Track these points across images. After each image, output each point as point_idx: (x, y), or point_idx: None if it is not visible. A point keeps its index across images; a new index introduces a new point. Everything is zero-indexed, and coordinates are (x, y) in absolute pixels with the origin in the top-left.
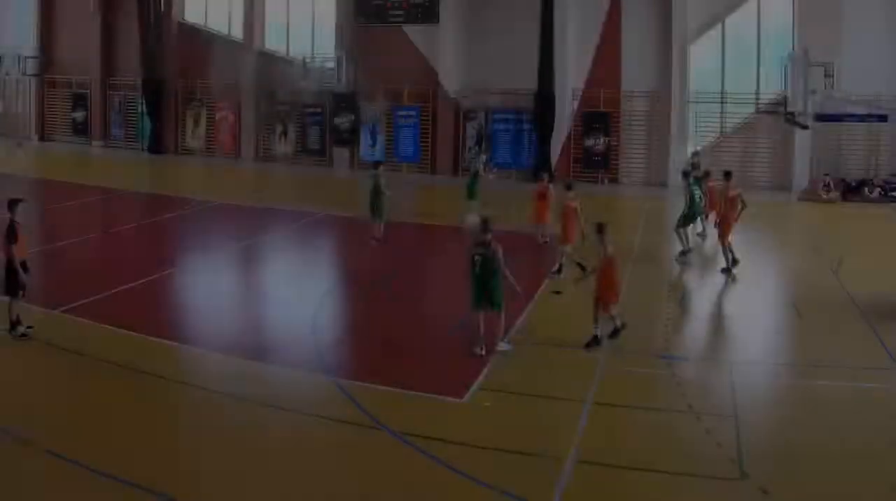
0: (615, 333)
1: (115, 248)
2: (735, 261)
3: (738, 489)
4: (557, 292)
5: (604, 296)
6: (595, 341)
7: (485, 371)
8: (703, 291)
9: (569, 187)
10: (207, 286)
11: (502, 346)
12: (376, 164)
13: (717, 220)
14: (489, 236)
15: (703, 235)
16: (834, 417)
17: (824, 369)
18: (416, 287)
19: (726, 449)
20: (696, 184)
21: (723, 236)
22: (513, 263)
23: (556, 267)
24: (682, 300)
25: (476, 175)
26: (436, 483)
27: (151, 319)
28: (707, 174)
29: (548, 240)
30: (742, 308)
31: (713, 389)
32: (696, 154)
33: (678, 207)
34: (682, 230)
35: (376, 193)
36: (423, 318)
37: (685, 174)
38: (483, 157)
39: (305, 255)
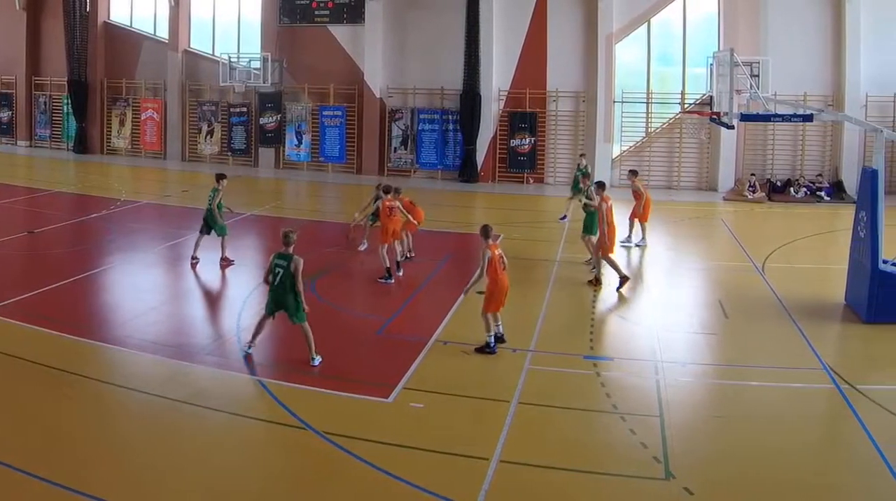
0: (487, 347)
1: (41, 248)
2: (597, 279)
3: (663, 489)
4: (482, 292)
5: (486, 303)
6: (487, 347)
7: (410, 371)
8: (628, 292)
9: (387, 191)
10: (133, 286)
11: (314, 360)
12: (219, 178)
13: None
14: (291, 249)
15: (640, 243)
16: (760, 417)
17: (750, 369)
18: (342, 287)
19: (651, 450)
20: (577, 187)
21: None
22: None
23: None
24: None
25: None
26: (361, 483)
27: (77, 319)
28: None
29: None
30: (668, 308)
31: (638, 389)
32: (582, 155)
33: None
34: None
35: (216, 208)
36: (349, 318)
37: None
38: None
39: (230, 255)
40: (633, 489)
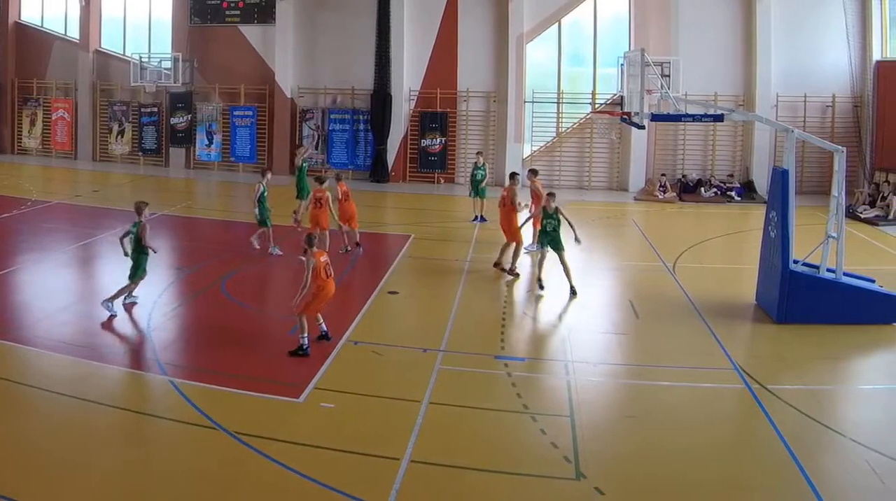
0: (300, 350)
1: None
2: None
3: (573, 489)
4: (393, 292)
5: (304, 306)
6: (301, 350)
7: (321, 371)
8: (539, 293)
9: (321, 181)
10: (44, 285)
11: (110, 305)
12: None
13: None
14: (141, 217)
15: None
16: (671, 417)
17: (661, 369)
18: (253, 287)
19: (562, 450)
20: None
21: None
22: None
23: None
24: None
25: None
26: (272, 483)
27: None
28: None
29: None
30: (578, 308)
31: (549, 390)
32: (479, 153)
33: None
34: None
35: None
36: (260, 318)
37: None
38: (267, 176)
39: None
40: (544, 489)
